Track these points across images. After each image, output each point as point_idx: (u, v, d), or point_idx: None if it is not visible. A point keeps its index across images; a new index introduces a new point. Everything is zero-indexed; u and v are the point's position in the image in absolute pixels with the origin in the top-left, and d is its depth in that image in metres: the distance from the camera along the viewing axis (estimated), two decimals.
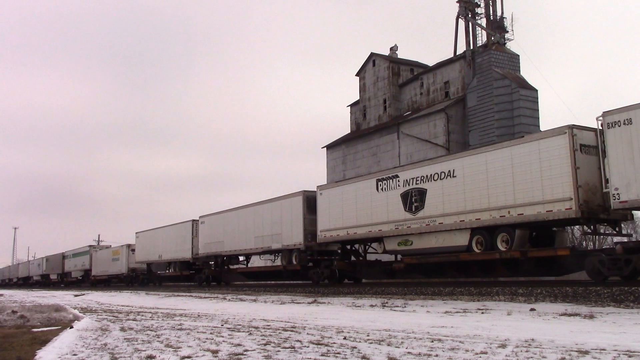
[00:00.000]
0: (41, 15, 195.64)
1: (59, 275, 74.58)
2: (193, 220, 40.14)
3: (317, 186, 27.84)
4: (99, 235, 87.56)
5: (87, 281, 64.71)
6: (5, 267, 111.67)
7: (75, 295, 36.48)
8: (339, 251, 28.34)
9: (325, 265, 28.02)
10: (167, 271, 45.88)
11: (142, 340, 9.86)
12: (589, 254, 19.00)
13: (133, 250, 52.38)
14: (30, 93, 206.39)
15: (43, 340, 10.11)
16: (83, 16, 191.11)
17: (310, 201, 27.72)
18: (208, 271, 39.20)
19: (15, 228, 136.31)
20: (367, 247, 26.57)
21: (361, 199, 24.44)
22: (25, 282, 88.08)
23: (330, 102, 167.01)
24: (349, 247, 27.37)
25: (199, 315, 15.79)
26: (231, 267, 38.39)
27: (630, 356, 6.90)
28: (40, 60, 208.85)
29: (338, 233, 25.72)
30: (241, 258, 36.79)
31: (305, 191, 28.55)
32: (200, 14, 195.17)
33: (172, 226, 44.15)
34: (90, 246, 65.69)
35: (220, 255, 36.82)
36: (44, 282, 79.58)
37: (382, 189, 23.27)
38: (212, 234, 36.84)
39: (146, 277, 51.44)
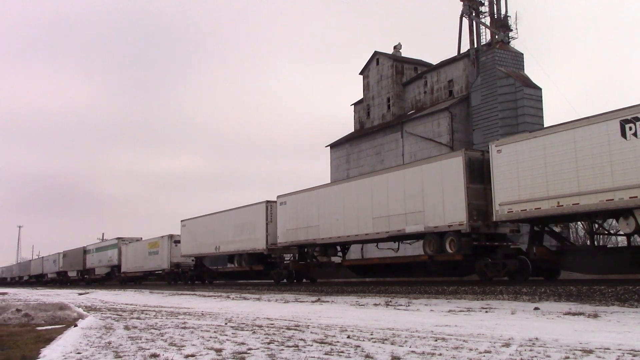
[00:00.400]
0: (42, 16, 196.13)
1: (79, 272, 67.21)
2: (267, 202, 31.91)
3: (493, 142, 20.09)
4: (103, 234, 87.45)
5: (115, 278, 57.50)
6: (15, 264, 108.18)
7: (80, 294, 36.57)
8: (510, 233, 20.99)
9: (505, 254, 19.79)
10: (229, 266, 38.05)
11: (146, 339, 9.87)
12: None
13: (177, 242, 44.09)
14: (32, 93, 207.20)
15: (47, 339, 10.13)
16: (84, 16, 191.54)
17: (474, 164, 20.04)
18: (292, 265, 30.92)
19: (19, 227, 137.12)
20: (595, 225, 18.53)
21: (587, 152, 16.52)
22: (39, 280, 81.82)
23: (334, 101, 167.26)
24: (538, 227, 19.59)
25: (202, 314, 15.81)
26: (319, 259, 29.63)
27: (634, 355, 6.88)
28: (42, 60, 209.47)
29: (538, 206, 17.86)
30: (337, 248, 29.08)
31: (466, 150, 21.10)
32: (202, 13, 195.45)
33: (236, 210, 35.43)
34: (118, 238, 57.05)
35: (311, 245, 28.39)
36: (61, 280, 72.96)
37: (636, 134, 15.31)
38: (299, 218, 28.73)
39: (195, 273, 42.99)
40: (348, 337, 9.35)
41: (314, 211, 27.68)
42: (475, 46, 44.00)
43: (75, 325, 12.48)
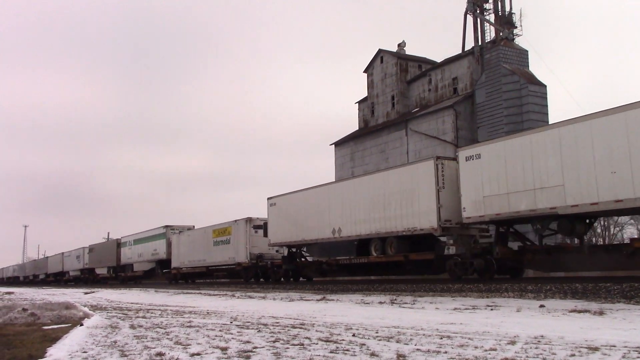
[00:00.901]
0: (46, 14, 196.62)
1: (111, 269, 57.12)
2: (437, 158, 21.55)
3: None
4: (108, 233, 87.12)
5: (164, 276, 46.74)
6: (29, 261, 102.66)
7: (86, 293, 36.70)
8: None
9: None
10: (355, 256, 25.98)
11: (152, 338, 9.89)
12: None
13: (256, 227, 34.07)
14: (37, 92, 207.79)
15: (53, 338, 10.17)
16: (87, 14, 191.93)
17: None
18: (500, 250, 20.13)
19: (25, 226, 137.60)
20: None
21: None
22: (58, 280, 73.71)
23: (338, 99, 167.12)
24: None
25: (208, 313, 15.83)
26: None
27: None
28: (47, 59, 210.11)
29: None
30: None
31: None
32: (206, 11, 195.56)
33: (374, 176, 25.04)
34: (167, 226, 46.01)
35: (543, 217, 18.35)
36: (87, 279, 62.49)
37: None
38: (512, 177, 18.64)
39: (290, 267, 31.50)
40: (353, 335, 9.35)
41: (551, 162, 17.58)
42: (480, 43, 43.91)
43: (81, 325, 12.52)
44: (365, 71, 52.95)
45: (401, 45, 52.79)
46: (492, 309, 13.40)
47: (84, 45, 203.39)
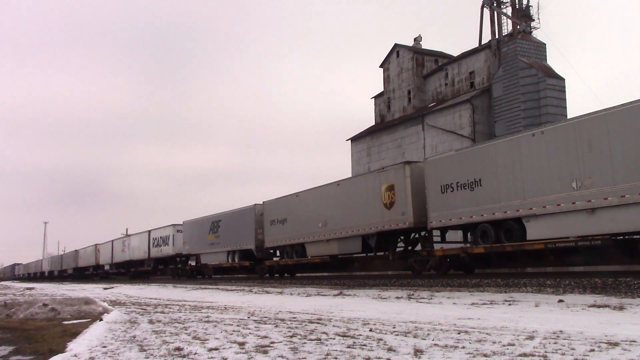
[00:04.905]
0: (73, 13, 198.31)
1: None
2: None
3: None
4: (127, 229, 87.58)
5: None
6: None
7: (105, 289, 37.04)
8: None
9: None
10: None
11: (170, 333, 9.97)
12: None
13: None
14: (58, 90, 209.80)
15: (73, 333, 10.28)
16: (111, 12, 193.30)
17: None
18: None
19: (45, 222, 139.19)
20: None
21: None
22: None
23: (355, 94, 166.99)
24: None
25: (225, 308, 15.91)
26: None
27: None
28: (69, 57, 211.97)
29: None
30: None
31: None
32: (227, 7, 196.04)
33: None
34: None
35: None
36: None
37: None
38: None
39: None
40: (370, 330, 9.34)
41: None
42: (497, 37, 43.54)
43: (101, 320, 12.64)
44: (381, 66, 52.78)
45: (417, 40, 52.55)
46: (510, 304, 13.31)
47: (105, 44, 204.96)
